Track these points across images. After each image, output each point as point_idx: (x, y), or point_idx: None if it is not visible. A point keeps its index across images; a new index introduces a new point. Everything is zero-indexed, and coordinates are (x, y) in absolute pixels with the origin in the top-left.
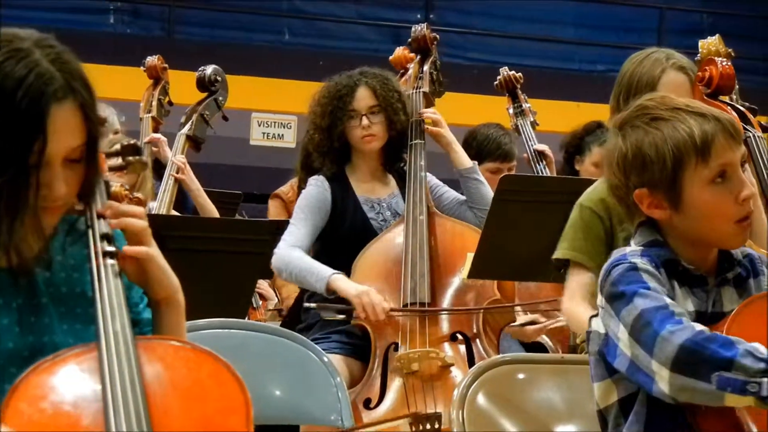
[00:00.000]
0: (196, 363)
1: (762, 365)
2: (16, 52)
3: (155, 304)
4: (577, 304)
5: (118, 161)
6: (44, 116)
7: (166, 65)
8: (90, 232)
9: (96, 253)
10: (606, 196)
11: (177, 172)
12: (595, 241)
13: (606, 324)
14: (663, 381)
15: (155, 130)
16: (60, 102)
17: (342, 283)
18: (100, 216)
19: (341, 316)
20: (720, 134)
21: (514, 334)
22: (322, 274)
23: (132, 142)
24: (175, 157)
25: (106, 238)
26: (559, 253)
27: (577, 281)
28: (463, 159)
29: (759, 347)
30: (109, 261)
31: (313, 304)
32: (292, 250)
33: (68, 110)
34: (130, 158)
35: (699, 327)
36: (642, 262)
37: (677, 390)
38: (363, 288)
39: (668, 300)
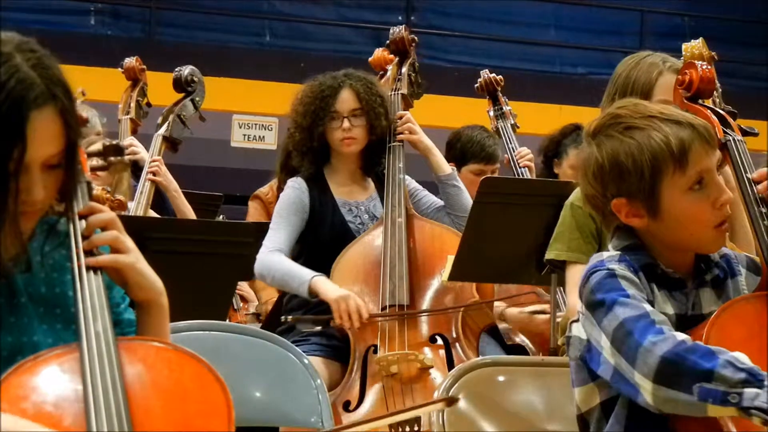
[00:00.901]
0: (178, 364)
1: (742, 375)
2: None
3: (137, 306)
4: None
5: (99, 161)
6: (24, 122)
7: (144, 66)
8: (71, 233)
9: (77, 254)
10: None
11: (153, 175)
12: (590, 239)
13: (588, 331)
14: (647, 393)
15: (134, 132)
16: (40, 108)
17: (323, 286)
18: (82, 217)
19: (318, 328)
20: (696, 141)
21: (521, 323)
22: (303, 277)
23: (114, 142)
24: (151, 159)
25: (87, 239)
26: (553, 254)
27: (578, 275)
28: (442, 165)
29: (740, 357)
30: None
31: (289, 317)
32: (272, 254)
33: (48, 116)
34: (112, 158)
35: (681, 337)
36: (620, 268)
37: (661, 402)
38: (344, 292)
39: (648, 307)
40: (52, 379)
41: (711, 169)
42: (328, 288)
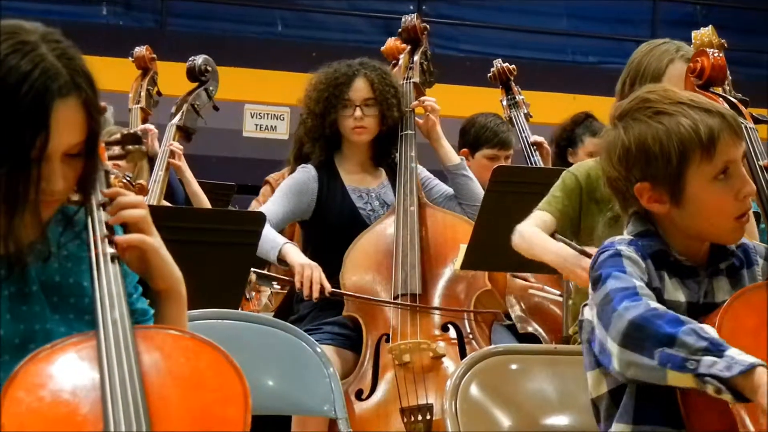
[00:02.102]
0: (195, 352)
1: (703, 343)
2: (21, 45)
3: (156, 294)
4: (529, 225)
5: (118, 150)
6: (48, 112)
7: (155, 55)
8: (89, 220)
9: (95, 241)
10: (593, 171)
11: (173, 157)
12: (569, 205)
13: (593, 311)
14: (614, 357)
15: (144, 121)
16: (64, 98)
17: (292, 252)
18: (101, 205)
19: (277, 286)
20: (725, 131)
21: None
22: (276, 241)
23: (132, 131)
24: (171, 143)
25: (106, 226)
26: (538, 207)
27: (539, 215)
28: (450, 155)
29: (706, 327)
30: (109, 249)
31: (253, 269)
32: None
33: (72, 106)
34: (130, 147)
35: (654, 304)
36: (627, 250)
37: (624, 365)
38: (310, 262)
39: (639, 283)
40: (69, 367)
41: (737, 159)
42: (297, 256)
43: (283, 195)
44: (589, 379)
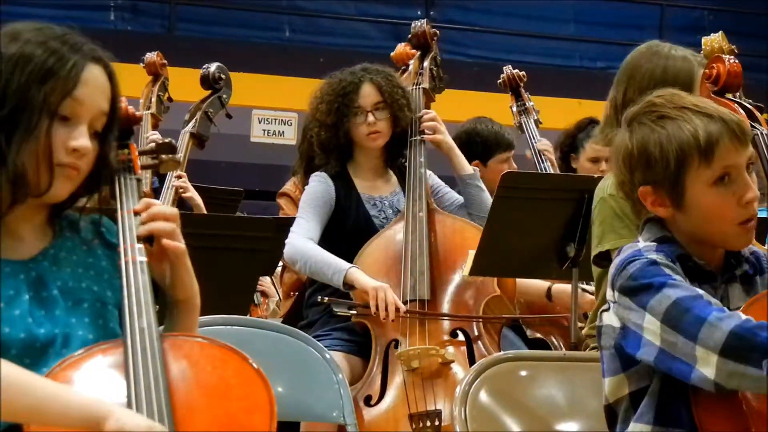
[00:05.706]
0: (222, 361)
1: None
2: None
3: (173, 304)
4: None
5: (152, 159)
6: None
7: (165, 61)
8: (120, 228)
9: (125, 249)
10: None
11: (177, 191)
12: (632, 226)
13: (623, 317)
14: (709, 366)
15: (155, 127)
16: (95, 63)
17: (360, 276)
18: (132, 213)
19: (352, 312)
20: (725, 136)
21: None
22: (340, 266)
23: (167, 140)
24: (175, 181)
25: (138, 235)
26: (607, 245)
27: None
28: (464, 164)
29: None
30: (139, 258)
31: (325, 298)
32: (306, 242)
33: (97, 71)
34: (164, 156)
35: (744, 315)
36: (660, 258)
37: (726, 376)
38: (381, 284)
39: (700, 291)
40: (96, 374)
41: (738, 165)
42: (365, 278)
43: (313, 209)
44: (606, 385)
